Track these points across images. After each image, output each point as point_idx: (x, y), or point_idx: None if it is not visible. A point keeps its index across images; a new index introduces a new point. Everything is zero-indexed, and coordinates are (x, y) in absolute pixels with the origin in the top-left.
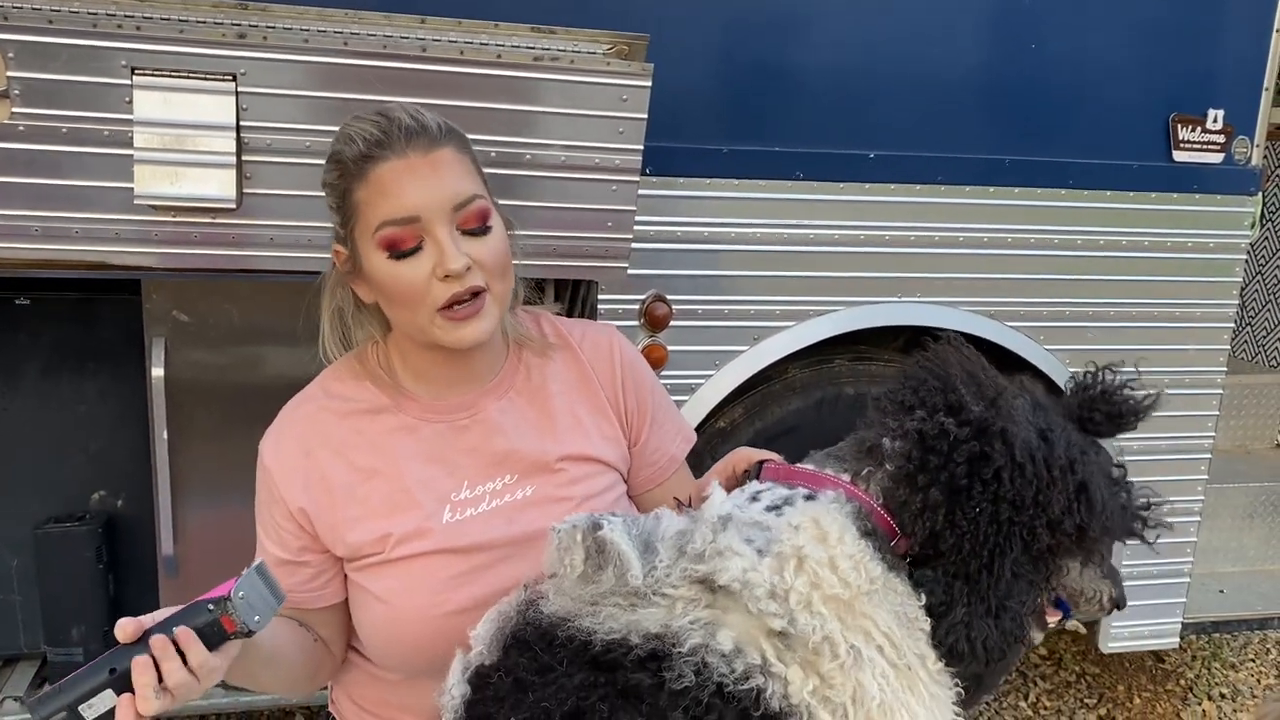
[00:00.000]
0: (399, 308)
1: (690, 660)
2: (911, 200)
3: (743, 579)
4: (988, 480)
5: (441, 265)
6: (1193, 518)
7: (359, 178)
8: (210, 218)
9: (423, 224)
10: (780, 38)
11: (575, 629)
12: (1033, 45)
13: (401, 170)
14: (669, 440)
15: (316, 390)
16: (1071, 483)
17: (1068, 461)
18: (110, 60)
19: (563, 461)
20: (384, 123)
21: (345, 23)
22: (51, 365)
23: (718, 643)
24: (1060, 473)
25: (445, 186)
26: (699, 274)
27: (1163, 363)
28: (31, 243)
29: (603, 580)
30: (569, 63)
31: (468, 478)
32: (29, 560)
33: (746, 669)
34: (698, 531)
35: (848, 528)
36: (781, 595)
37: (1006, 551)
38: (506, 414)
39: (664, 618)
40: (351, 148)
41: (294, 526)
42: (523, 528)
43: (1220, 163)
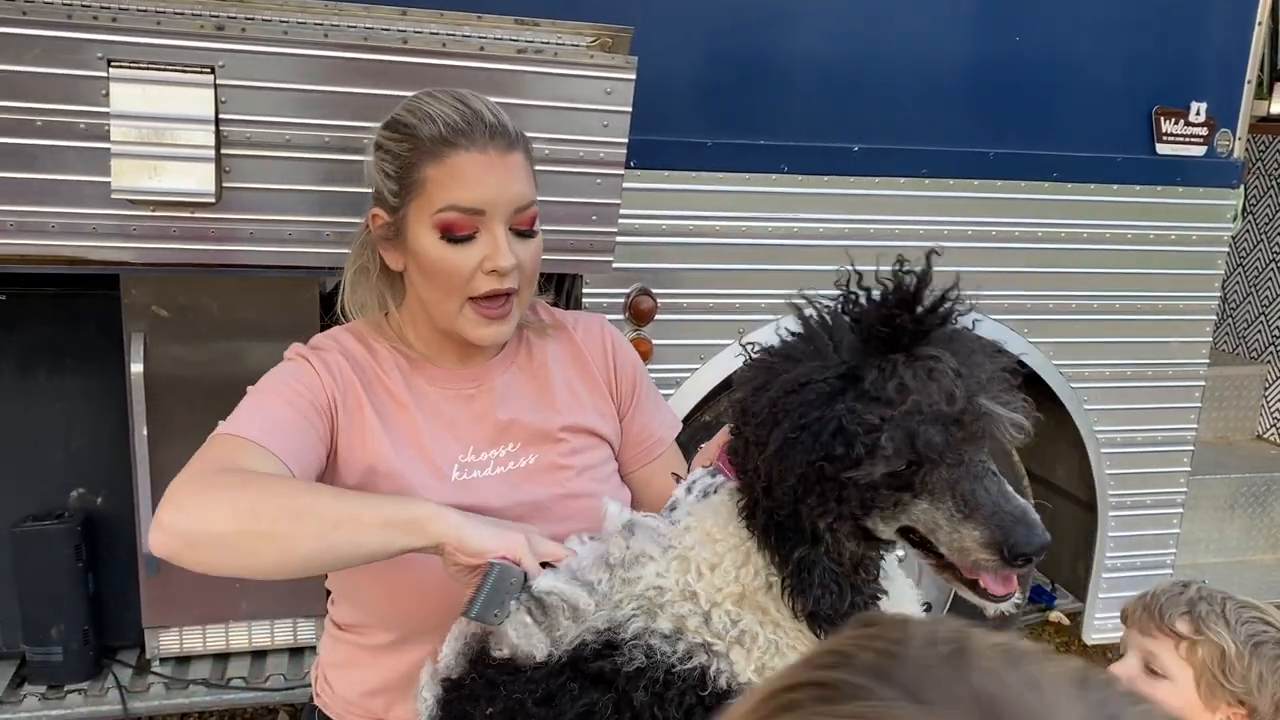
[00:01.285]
0: (434, 288)
1: (637, 644)
2: (896, 194)
3: (656, 584)
4: (739, 450)
5: (492, 259)
6: (1176, 509)
7: (433, 157)
8: (189, 212)
9: (485, 218)
10: (765, 31)
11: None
12: (1016, 38)
13: (480, 163)
14: (655, 422)
15: (343, 329)
16: (772, 432)
17: (768, 408)
18: (86, 52)
19: (564, 431)
20: (467, 112)
21: (325, 14)
22: (29, 362)
23: (658, 625)
24: (764, 420)
25: (514, 187)
26: (684, 268)
27: (1145, 355)
28: (7, 238)
29: (564, 627)
30: (553, 55)
31: (474, 443)
32: (7, 559)
33: (689, 648)
34: (611, 545)
35: (731, 520)
36: (691, 595)
37: (769, 527)
38: (511, 386)
39: (609, 613)
40: (430, 126)
41: (314, 396)
42: (526, 494)
43: (1203, 155)
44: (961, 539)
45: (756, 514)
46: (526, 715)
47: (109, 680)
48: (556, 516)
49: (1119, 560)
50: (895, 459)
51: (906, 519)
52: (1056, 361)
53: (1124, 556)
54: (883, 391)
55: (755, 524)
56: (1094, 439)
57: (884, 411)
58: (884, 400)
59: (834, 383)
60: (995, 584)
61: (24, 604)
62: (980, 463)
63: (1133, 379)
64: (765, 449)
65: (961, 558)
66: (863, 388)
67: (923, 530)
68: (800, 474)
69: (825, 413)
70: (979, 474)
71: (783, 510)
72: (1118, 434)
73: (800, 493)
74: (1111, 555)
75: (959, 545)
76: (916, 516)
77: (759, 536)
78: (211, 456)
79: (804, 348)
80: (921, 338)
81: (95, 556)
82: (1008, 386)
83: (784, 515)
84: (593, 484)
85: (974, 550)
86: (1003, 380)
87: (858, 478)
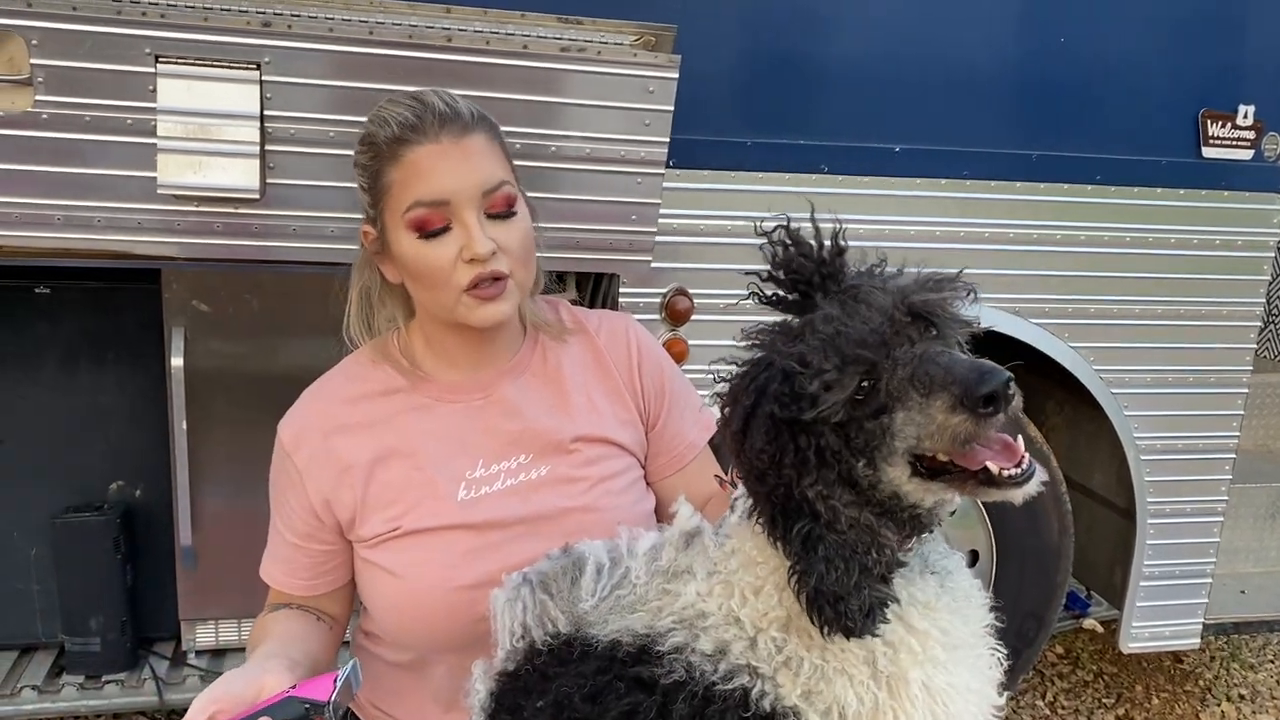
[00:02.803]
0: (425, 287)
1: (676, 659)
2: (937, 195)
3: (695, 608)
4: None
5: (468, 248)
6: (1215, 518)
7: (391, 159)
8: (233, 208)
9: (452, 207)
10: (806, 30)
11: (581, 637)
12: (1061, 39)
13: (434, 154)
14: (687, 426)
15: (335, 374)
16: (734, 419)
17: (731, 393)
18: (134, 48)
19: (577, 442)
20: (418, 107)
21: (370, 11)
22: (70, 355)
23: (700, 645)
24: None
25: (476, 171)
26: (721, 268)
27: (1187, 361)
28: (54, 231)
29: (583, 600)
30: (595, 54)
31: (483, 456)
32: (47, 550)
33: (731, 669)
34: (665, 549)
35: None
36: (735, 621)
37: (757, 489)
38: (522, 394)
39: (649, 620)
40: (385, 130)
41: (306, 514)
42: (536, 507)
43: (1250, 159)
44: (931, 419)
45: (760, 508)
46: (574, 709)
47: (145, 672)
48: (567, 530)
49: (1157, 568)
50: (843, 378)
51: (899, 442)
52: (1097, 366)
53: (1163, 565)
54: (813, 328)
55: (762, 518)
56: (1134, 445)
57: (816, 341)
58: (817, 334)
59: (773, 342)
60: (996, 456)
61: (63, 595)
62: (932, 348)
63: (1174, 385)
64: (737, 432)
65: (948, 443)
66: (794, 334)
67: (915, 445)
68: (768, 437)
69: (769, 369)
70: (932, 356)
71: (778, 492)
72: (1158, 440)
73: (777, 458)
74: (1150, 563)
75: (934, 429)
76: (902, 433)
77: (766, 529)
78: (256, 631)
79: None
80: (836, 277)
81: (133, 549)
82: (939, 283)
83: (779, 497)
84: (607, 497)
85: (945, 422)
86: (932, 280)
87: (823, 414)
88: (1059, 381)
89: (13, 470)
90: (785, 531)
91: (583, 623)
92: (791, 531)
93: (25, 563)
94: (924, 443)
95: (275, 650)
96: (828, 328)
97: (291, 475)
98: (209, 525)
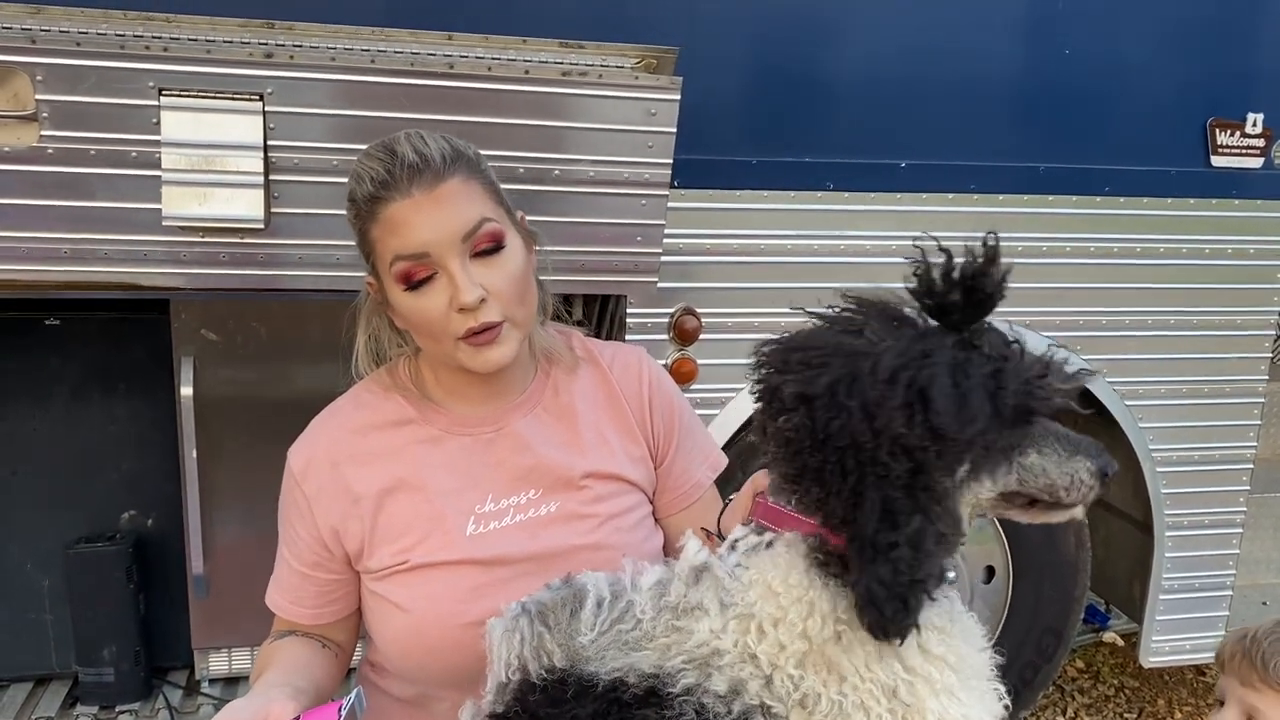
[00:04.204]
0: (424, 337)
1: (688, 700)
2: (944, 209)
3: (710, 645)
4: (795, 434)
5: (455, 299)
6: (1235, 529)
7: (371, 218)
8: (238, 238)
9: (433, 258)
10: (809, 48)
11: (578, 674)
12: (1066, 51)
13: (408, 210)
14: (695, 465)
15: (345, 403)
16: (901, 395)
17: (891, 372)
18: (138, 81)
19: (587, 479)
20: (388, 160)
21: (372, 40)
22: (81, 385)
23: (712, 685)
24: (886, 387)
25: (452, 219)
26: (729, 287)
27: (1202, 371)
28: (62, 265)
29: (582, 633)
30: (597, 77)
31: (492, 491)
32: (60, 580)
33: (745, 709)
34: (673, 585)
35: (794, 570)
36: (751, 658)
37: (864, 493)
38: (533, 429)
39: (657, 659)
40: (362, 187)
41: (314, 543)
42: (545, 544)
43: (1260, 167)
44: (1077, 473)
45: (846, 490)
46: None
47: (159, 701)
48: (576, 567)
49: (1177, 581)
50: (1016, 412)
51: (1024, 475)
52: (1111, 379)
53: (1182, 577)
54: (993, 349)
55: (843, 500)
56: (1150, 458)
57: (998, 366)
58: (994, 357)
59: (931, 344)
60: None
61: (76, 625)
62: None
63: (1189, 396)
64: (919, 391)
65: (1068, 494)
66: (962, 347)
67: (1032, 482)
68: (955, 412)
69: (931, 372)
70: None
71: (898, 478)
72: (1174, 452)
73: (938, 439)
74: (1169, 576)
75: (1070, 482)
76: (1033, 469)
77: (846, 512)
78: (261, 658)
79: (847, 336)
80: (982, 312)
81: (146, 578)
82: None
83: (899, 483)
84: (617, 534)
85: (1086, 482)
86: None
87: (981, 438)
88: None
89: (25, 501)
90: (886, 523)
91: (578, 658)
92: (901, 523)
93: (39, 593)
94: (1044, 484)
95: (280, 678)
96: (1009, 359)
97: (300, 504)
98: (221, 553)
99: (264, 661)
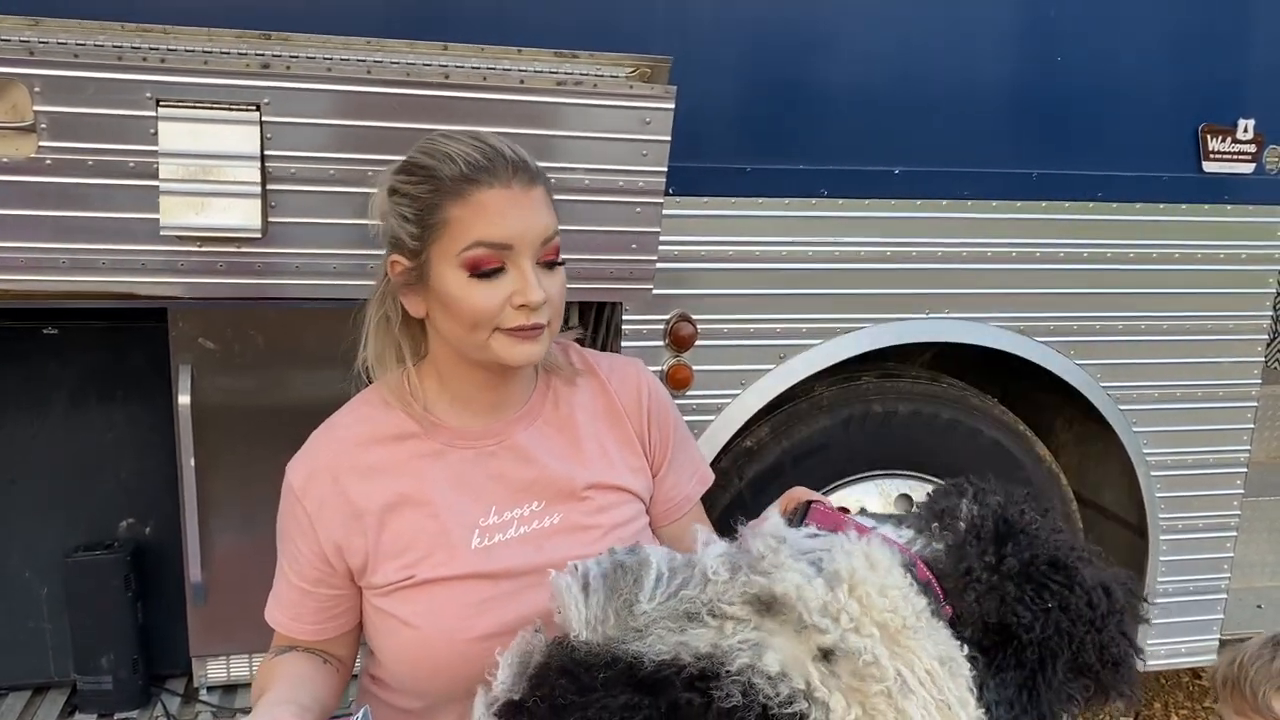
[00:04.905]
0: (461, 325)
1: (738, 680)
2: (938, 215)
3: (797, 592)
4: (1060, 584)
5: (522, 294)
6: (1229, 533)
7: (456, 195)
8: (236, 247)
9: (513, 252)
10: (802, 56)
11: (621, 653)
12: (1058, 58)
13: (505, 199)
14: (685, 479)
15: (346, 416)
16: (1123, 624)
17: (1124, 606)
18: (135, 92)
19: (590, 489)
20: (487, 149)
21: (368, 51)
22: (79, 394)
23: (764, 664)
24: (1119, 610)
25: (539, 222)
26: (724, 293)
27: (1195, 375)
28: (60, 274)
29: (641, 603)
30: (592, 87)
31: (495, 503)
32: (58, 588)
33: (791, 693)
34: (755, 543)
35: (895, 565)
36: (834, 614)
37: (1060, 655)
38: (534, 441)
39: (714, 638)
40: (450, 167)
41: (316, 559)
42: (549, 555)
43: (1251, 173)
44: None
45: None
46: None
47: (158, 709)
48: None
49: (1171, 585)
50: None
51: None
52: (1104, 384)
53: (1176, 581)
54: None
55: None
56: (1144, 462)
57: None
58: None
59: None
60: None
61: (75, 633)
62: None
63: (1183, 400)
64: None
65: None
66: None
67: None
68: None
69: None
70: None
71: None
72: (1168, 456)
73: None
74: (1163, 580)
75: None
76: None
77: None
78: (261, 675)
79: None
80: None
81: (144, 586)
82: None
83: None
84: (619, 545)
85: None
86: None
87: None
88: (1067, 399)
89: (23, 509)
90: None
91: (627, 632)
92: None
93: (37, 602)
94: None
95: (284, 696)
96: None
97: (301, 520)
98: (219, 561)
99: (265, 678)
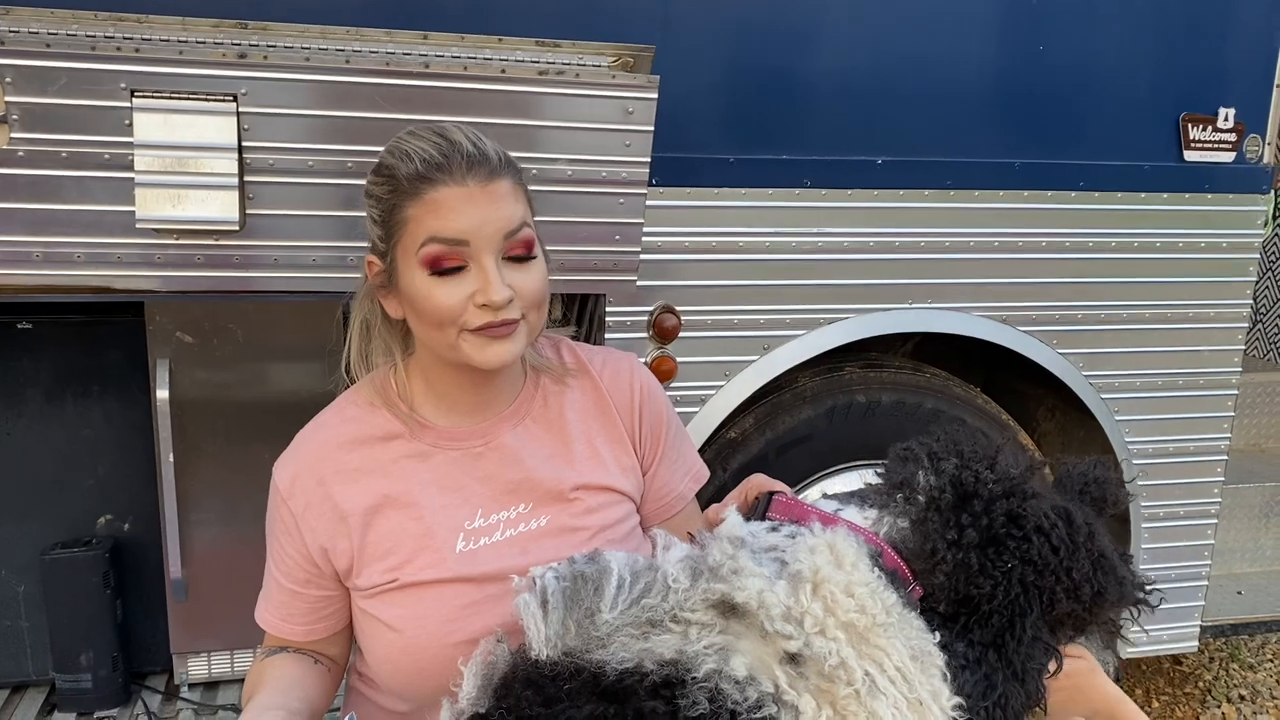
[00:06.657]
0: (429, 326)
1: (704, 686)
2: (920, 206)
3: (758, 599)
4: (1019, 539)
5: (483, 293)
6: (1209, 519)
7: (412, 196)
8: (214, 240)
9: (471, 248)
10: (785, 46)
11: (585, 662)
12: (1040, 47)
13: (459, 195)
14: (678, 477)
15: (332, 416)
16: (1093, 550)
17: (1089, 531)
18: (109, 83)
19: (578, 491)
20: (444, 145)
21: (346, 40)
22: (55, 389)
23: (731, 669)
24: (1084, 539)
25: (498, 216)
26: (708, 284)
27: (1177, 364)
28: (33, 268)
29: (603, 613)
30: (574, 76)
31: (481, 506)
32: (36, 586)
33: (759, 697)
34: (713, 550)
35: (862, 557)
36: (796, 618)
37: (1028, 612)
38: (522, 441)
39: (678, 644)
40: (407, 165)
41: (303, 560)
42: (536, 558)
43: (1232, 162)
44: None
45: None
46: None
47: (138, 707)
48: None
49: (1153, 572)
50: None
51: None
52: (1086, 372)
53: (1158, 568)
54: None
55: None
56: (1125, 449)
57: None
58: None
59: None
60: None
61: (53, 631)
62: None
63: (1164, 388)
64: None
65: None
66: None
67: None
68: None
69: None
70: None
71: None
72: (1149, 444)
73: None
74: (1145, 567)
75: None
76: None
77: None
78: (252, 677)
79: None
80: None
81: (123, 583)
82: None
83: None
84: (607, 546)
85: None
86: None
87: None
88: (1049, 388)
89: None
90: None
91: (591, 642)
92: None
93: (14, 600)
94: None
95: (274, 700)
96: (1115, 567)
97: (287, 522)
98: (198, 557)
99: (256, 680)
